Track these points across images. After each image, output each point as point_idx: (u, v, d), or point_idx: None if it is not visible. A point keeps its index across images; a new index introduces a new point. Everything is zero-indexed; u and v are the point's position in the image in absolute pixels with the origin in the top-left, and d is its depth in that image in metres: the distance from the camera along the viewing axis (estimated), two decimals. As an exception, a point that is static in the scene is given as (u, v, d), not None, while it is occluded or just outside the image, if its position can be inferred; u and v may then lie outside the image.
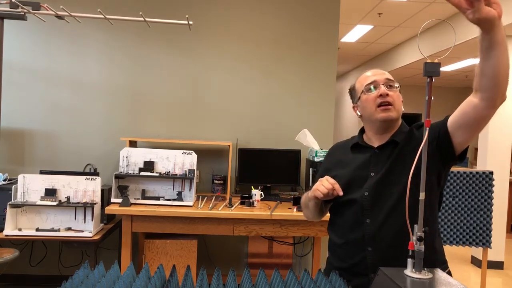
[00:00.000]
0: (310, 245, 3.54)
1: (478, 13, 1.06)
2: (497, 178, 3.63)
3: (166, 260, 2.99)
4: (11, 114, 3.39)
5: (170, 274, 1.09)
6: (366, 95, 1.46)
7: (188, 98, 3.50)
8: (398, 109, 1.44)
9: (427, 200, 1.45)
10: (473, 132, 1.34)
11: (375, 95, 1.43)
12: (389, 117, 1.42)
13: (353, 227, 1.44)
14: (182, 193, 2.94)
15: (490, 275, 4.36)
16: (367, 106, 1.46)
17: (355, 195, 1.45)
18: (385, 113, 1.42)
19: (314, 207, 1.53)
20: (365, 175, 1.46)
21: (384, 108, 1.42)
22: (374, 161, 1.47)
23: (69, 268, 3.45)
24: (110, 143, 3.44)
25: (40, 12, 1.85)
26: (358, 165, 1.49)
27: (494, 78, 1.20)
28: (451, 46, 5.46)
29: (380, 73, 1.48)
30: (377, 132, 1.49)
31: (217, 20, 3.49)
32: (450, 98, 9.84)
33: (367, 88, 1.46)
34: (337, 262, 1.50)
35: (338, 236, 1.51)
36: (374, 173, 1.45)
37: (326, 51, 3.55)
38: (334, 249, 1.55)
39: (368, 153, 1.49)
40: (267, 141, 3.51)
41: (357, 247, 1.43)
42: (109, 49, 3.44)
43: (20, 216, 2.78)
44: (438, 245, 1.47)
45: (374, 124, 1.48)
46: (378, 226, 1.40)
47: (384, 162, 1.44)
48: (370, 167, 1.46)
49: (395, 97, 1.43)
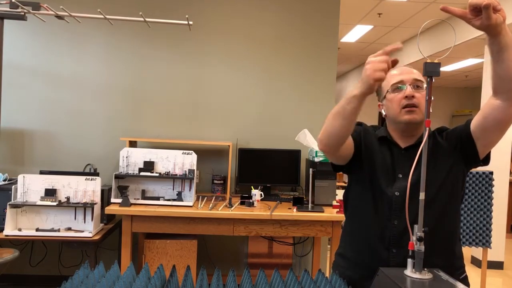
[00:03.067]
0: (310, 245, 3.54)
1: (487, 20, 1.07)
2: (497, 178, 3.63)
3: (166, 260, 2.99)
4: (11, 114, 3.39)
5: (170, 274, 1.09)
6: (391, 95, 1.41)
7: (188, 98, 3.50)
8: (424, 111, 1.38)
9: (454, 206, 1.43)
10: (499, 133, 1.33)
11: (401, 96, 1.38)
12: (413, 120, 1.37)
13: (380, 226, 1.40)
14: (182, 193, 2.94)
15: (490, 275, 4.36)
16: (391, 107, 1.41)
17: (383, 195, 1.40)
18: (409, 115, 1.37)
19: (355, 109, 1.26)
20: (393, 175, 1.42)
21: (409, 110, 1.37)
22: (401, 162, 1.42)
23: (69, 268, 3.45)
24: (110, 143, 3.44)
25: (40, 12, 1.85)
26: (384, 161, 1.44)
27: (510, 80, 1.20)
28: (451, 46, 5.46)
29: (407, 72, 1.42)
30: (402, 134, 1.45)
31: (217, 21, 3.49)
32: (450, 98, 9.85)
33: (393, 88, 1.40)
34: (355, 255, 1.46)
35: (360, 231, 1.45)
36: (401, 175, 1.41)
37: (326, 51, 3.55)
38: (350, 237, 1.50)
39: (395, 151, 1.45)
40: (267, 141, 3.52)
41: (381, 247, 1.39)
42: (109, 49, 3.44)
43: (20, 216, 2.78)
44: (458, 250, 1.45)
45: (398, 125, 1.43)
46: (404, 229, 1.34)
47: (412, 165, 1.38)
48: (396, 167, 1.42)
49: (421, 98, 1.38)
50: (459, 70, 7.76)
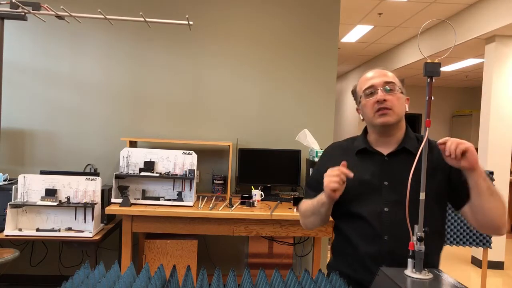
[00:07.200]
0: (311, 245, 3.54)
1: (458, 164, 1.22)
2: (497, 178, 3.63)
3: (166, 260, 2.99)
4: (11, 114, 3.39)
5: (170, 274, 1.09)
6: (365, 100, 1.43)
7: (189, 98, 3.50)
8: (398, 112, 1.40)
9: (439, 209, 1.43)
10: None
11: (374, 100, 1.40)
12: (387, 122, 1.39)
13: (369, 241, 1.38)
14: (182, 193, 2.94)
15: (490, 275, 4.36)
16: (366, 111, 1.44)
17: (370, 208, 1.39)
18: (383, 118, 1.39)
19: (327, 210, 1.41)
20: (378, 185, 1.40)
21: (382, 113, 1.39)
22: (386, 170, 1.42)
23: (69, 268, 3.45)
24: (110, 143, 3.44)
25: (40, 12, 1.85)
26: (368, 172, 1.43)
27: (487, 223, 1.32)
28: (451, 46, 5.46)
29: (379, 75, 1.43)
30: (380, 136, 1.46)
31: (217, 20, 3.49)
32: (450, 98, 9.85)
33: (366, 93, 1.43)
34: (346, 268, 1.43)
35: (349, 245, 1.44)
36: (387, 182, 1.40)
37: (326, 51, 3.55)
38: (343, 256, 1.48)
39: (378, 160, 1.44)
40: (267, 141, 3.52)
41: (371, 262, 1.37)
42: (109, 49, 3.44)
43: (20, 216, 2.78)
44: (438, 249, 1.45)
45: (375, 128, 1.45)
46: (396, 243, 1.35)
47: (398, 172, 1.39)
48: (382, 176, 1.41)
49: (394, 100, 1.39)
50: (459, 70, 7.76)
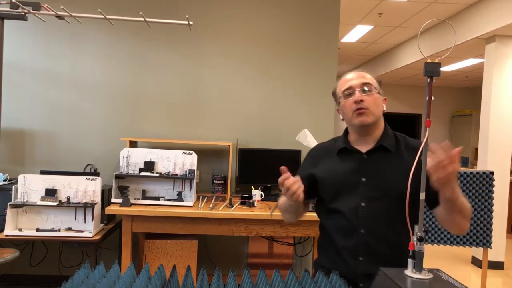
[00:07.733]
0: (311, 245, 3.54)
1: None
2: (497, 178, 3.63)
3: (166, 260, 2.99)
4: (11, 114, 3.39)
5: (170, 274, 1.09)
6: (343, 101, 1.50)
7: (189, 98, 3.50)
8: (375, 112, 1.46)
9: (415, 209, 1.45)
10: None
11: (352, 101, 1.47)
12: (364, 122, 1.46)
13: (346, 235, 1.45)
14: (182, 193, 2.94)
15: (491, 275, 4.36)
16: (345, 112, 1.51)
17: (348, 203, 1.46)
18: (360, 117, 1.46)
19: (298, 208, 1.57)
20: (356, 181, 1.47)
21: (359, 112, 1.45)
22: (364, 166, 1.48)
23: (69, 268, 3.45)
24: (110, 143, 3.44)
25: (40, 12, 1.85)
26: (347, 170, 1.50)
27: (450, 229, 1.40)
28: (451, 46, 5.46)
29: (357, 77, 1.50)
30: (359, 135, 1.52)
31: (217, 20, 3.49)
32: (450, 98, 9.84)
33: (344, 94, 1.50)
34: (329, 264, 1.50)
35: (330, 240, 1.51)
36: (365, 179, 1.46)
37: (326, 51, 3.55)
38: (325, 252, 1.56)
39: (356, 157, 1.51)
40: (267, 141, 3.52)
41: (349, 255, 1.44)
42: (109, 49, 3.44)
43: (20, 216, 2.78)
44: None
45: (354, 127, 1.52)
46: (372, 236, 1.42)
47: (375, 168, 1.47)
48: (360, 172, 1.48)
49: (370, 101, 1.45)
50: (459, 70, 7.75)
